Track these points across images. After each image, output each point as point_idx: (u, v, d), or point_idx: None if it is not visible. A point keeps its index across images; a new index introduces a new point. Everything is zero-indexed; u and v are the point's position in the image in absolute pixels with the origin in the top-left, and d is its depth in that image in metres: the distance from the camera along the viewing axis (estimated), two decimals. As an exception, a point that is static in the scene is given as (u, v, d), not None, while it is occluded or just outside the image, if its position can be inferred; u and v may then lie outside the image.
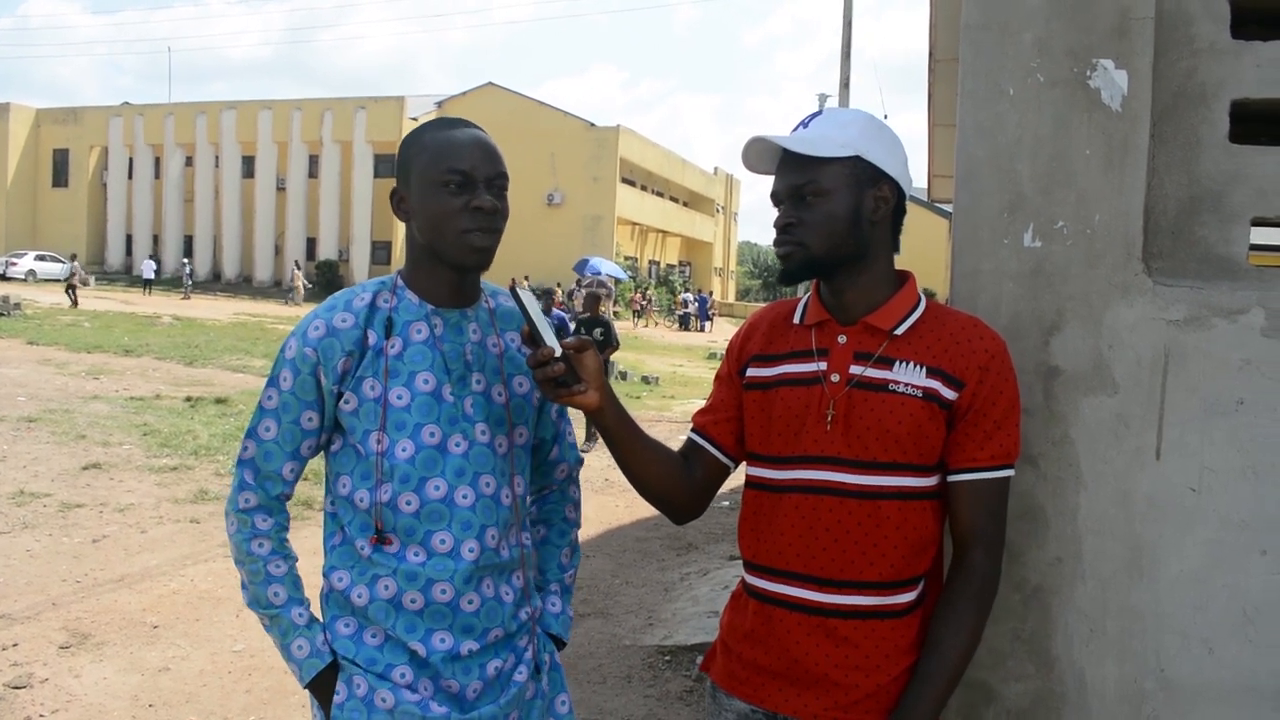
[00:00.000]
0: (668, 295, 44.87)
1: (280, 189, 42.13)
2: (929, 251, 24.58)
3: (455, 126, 1.60)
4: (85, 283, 31.52)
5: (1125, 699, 1.72)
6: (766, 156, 1.58)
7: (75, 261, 29.76)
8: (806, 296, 1.64)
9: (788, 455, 1.54)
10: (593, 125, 41.37)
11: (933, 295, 1.71)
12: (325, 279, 39.05)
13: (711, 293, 47.62)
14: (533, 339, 1.52)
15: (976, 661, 1.68)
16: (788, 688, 1.53)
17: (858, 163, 1.50)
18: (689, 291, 44.84)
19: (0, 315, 19.88)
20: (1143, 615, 1.71)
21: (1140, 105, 1.71)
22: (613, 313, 28.57)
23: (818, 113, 1.59)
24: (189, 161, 43.81)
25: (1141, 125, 1.71)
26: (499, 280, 1.75)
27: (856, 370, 1.51)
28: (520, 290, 1.54)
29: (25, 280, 35.62)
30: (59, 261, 37.15)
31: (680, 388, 17.14)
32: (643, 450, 1.60)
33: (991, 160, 1.75)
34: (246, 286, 42.19)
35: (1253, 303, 1.67)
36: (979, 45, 1.76)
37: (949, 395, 1.48)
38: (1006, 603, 1.73)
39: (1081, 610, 1.74)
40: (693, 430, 1.69)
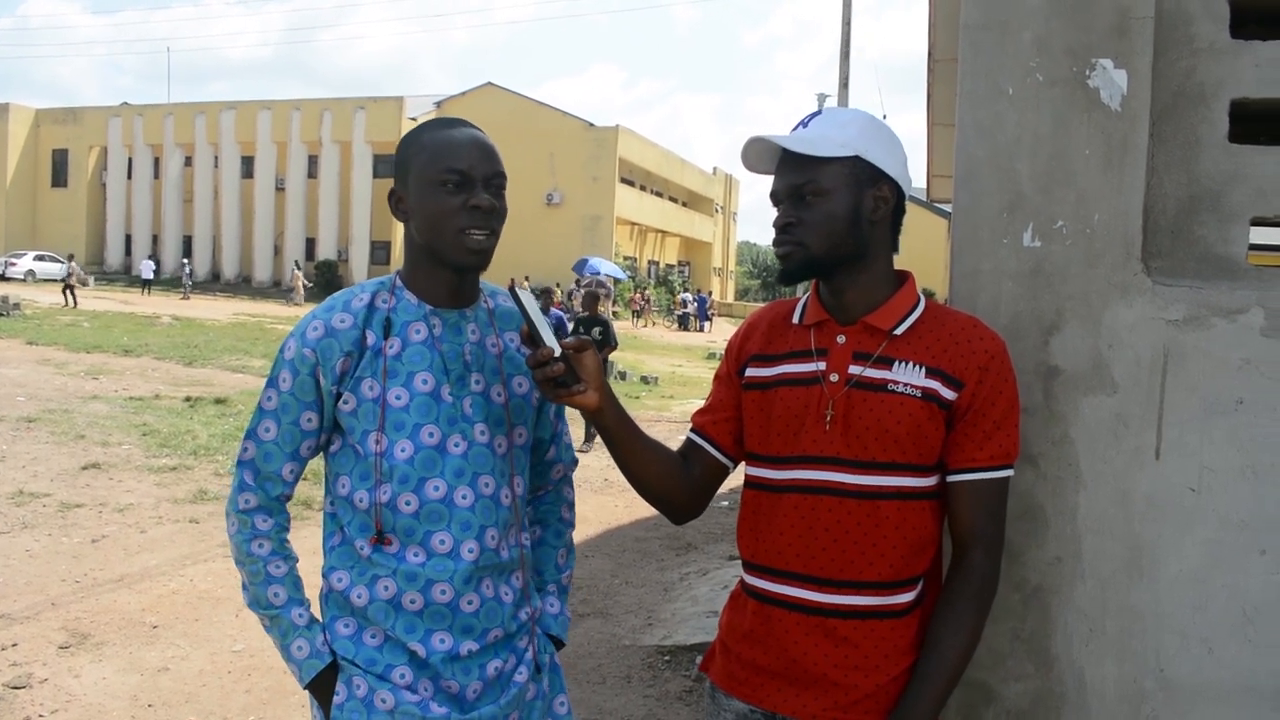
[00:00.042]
0: (667, 295, 44.87)
1: (279, 189, 42.12)
2: (928, 251, 24.59)
3: (453, 126, 1.60)
4: (84, 283, 31.51)
5: (1125, 698, 1.72)
6: (766, 156, 1.58)
7: (72, 261, 29.73)
8: (805, 296, 1.64)
9: (787, 455, 1.54)
10: (592, 125, 41.36)
11: (932, 295, 1.71)
12: (324, 279, 39.02)
13: (711, 293, 47.63)
14: (532, 339, 1.52)
15: (976, 661, 1.68)
16: (786, 688, 1.53)
17: (857, 162, 1.50)
18: (688, 291, 44.83)
19: (0, 315, 19.89)
20: (1142, 615, 1.71)
21: (1140, 105, 1.71)
22: (612, 313, 28.57)
23: (817, 112, 1.59)
24: (188, 162, 43.80)
25: (1141, 125, 1.71)
26: (498, 280, 1.75)
27: (856, 370, 1.51)
28: (519, 290, 1.54)
29: (24, 280, 35.63)
30: (58, 261, 37.13)
31: (679, 388, 17.14)
32: (642, 450, 1.60)
33: (991, 160, 1.75)
34: (246, 287, 42.18)
35: (1252, 302, 1.67)
36: (978, 44, 1.76)
37: (948, 395, 1.48)
38: (1006, 602, 1.73)
39: (1081, 610, 1.74)
40: (691, 430, 1.69)
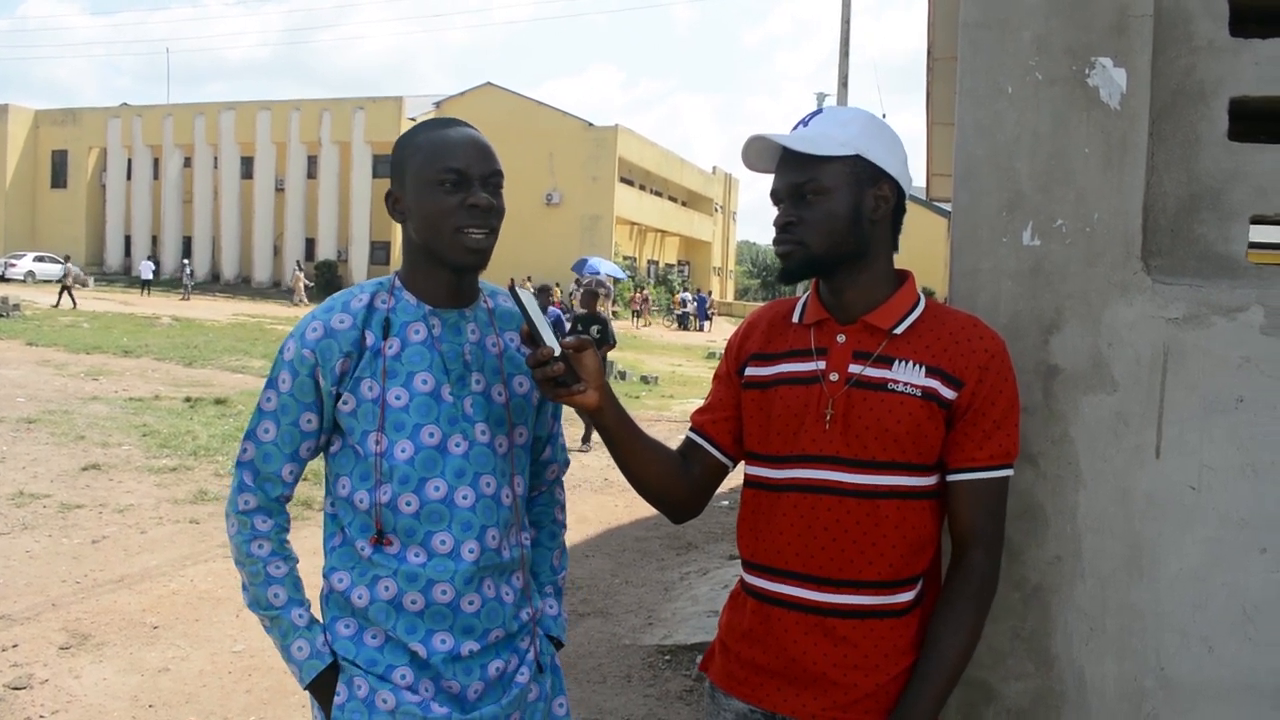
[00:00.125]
0: (666, 295, 44.86)
1: (279, 189, 42.10)
2: (928, 250, 24.57)
3: (449, 126, 1.60)
4: (84, 283, 31.49)
5: (1125, 697, 1.72)
6: (766, 155, 1.57)
7: (69, 262, 29.70)
8: (805, 295, 1.64)
9: (786, 454, 1.54)
10: (591, 125, 41.34)
11: (932, 294, 1.71)
12: (324, 279, 39.01)
13: (710, 292, 47.62)
14: (532, 338, 1.51)
15: (976, 660, 1.68)
16: (786, 687, 1.53)
17: (858, 161, 1.50)
18: (688, 291, 44.83)
19: (0, 316, 19.88)
20: (1142, 613, 1.71)
21: (1139, 103, 1.71)
22: (611, 312, 28.56)
23: (818, 111, 1.59)
24: (187, 162, 43.79)
25: (1140, 123, 1.71)
26: (498, 281, 1.74)
27: (855, 369, 1.51)
28: (519, 290, 1.54)
29: (24, 281, 35.61)
30: (58, 263, 37.15)
31: (679, 387, 17.14)
32: (642, 450, 1.60)
33: (990, 159, 1.75)
34: (245, 287, 42.16)
35: (1252, 300, 1.67)
36: (978, 43, 1.76)
37: (948, 394, 1.48)
38: (1006, 601, 1.73)
39: (1081, 609, 1.73)
40: (691, 429, 1.69)
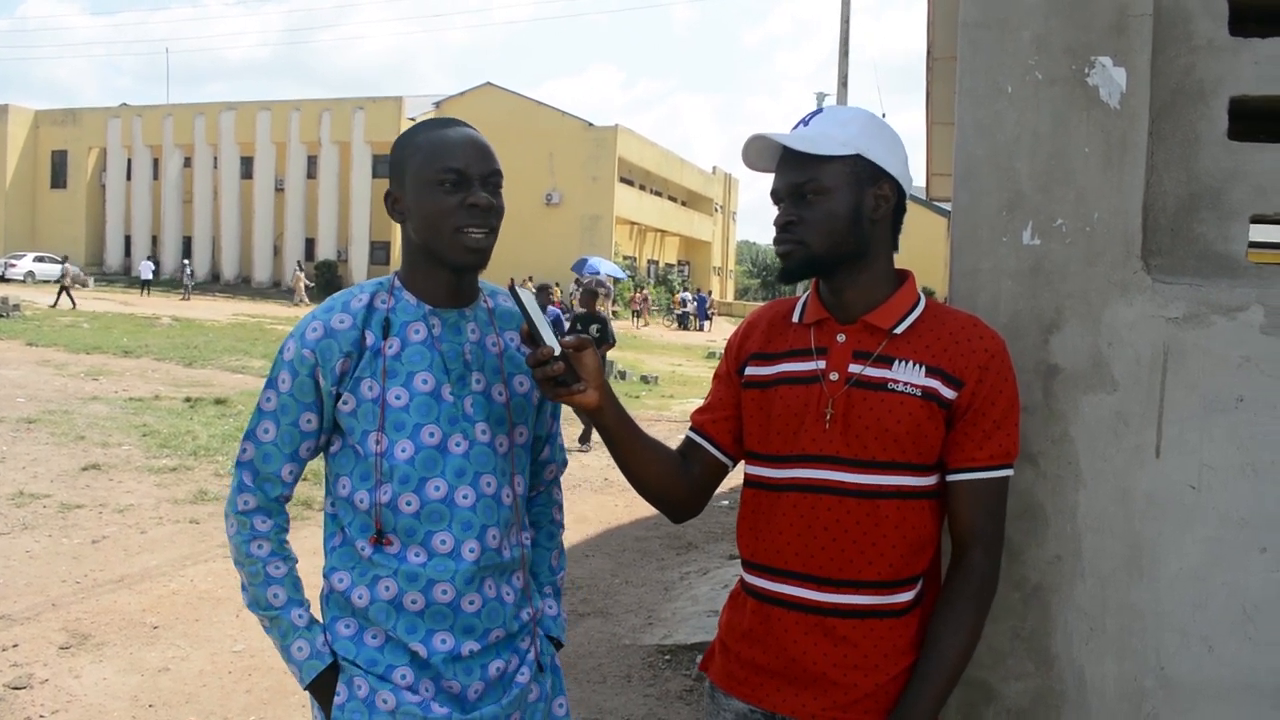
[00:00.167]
0: (666, 295, 44.86)
1: (279, 189, 42.10)
2: (928, 250, 24.57)
3: (448, 126, 1.60)
4: (84, 283, 31.46)
5: (1125, 697, 1.72)
6: (767, 154, 1.57)
7: (67, 262, 29.68)
8: (805, 295, 1.64)
9: (786, 454, 1.54)
10: (591, 125, 41.34)
11: (932, 294, 1.70)
12: (324, 279, 39.03)
13: (710, 292, 47.62)
14: (531, 338, 1.51)
15: (976, 660, 1.68)
16: (786, 687, 1.53)
17: (858, 161, 1.49)
18: (688, 291, 44.82)
19: (0, 316, 19.88)
20: (1142, 613, 1.71)
21: (1139, 102, 1.71)
22: (611, 312, 28.56)
23: (818, 110, 1.59)
24: (187, 162, 43.79)
25: (1140, 123, 1.71)
26: (498, 281, 1.74)
27: (855, 369, 1.51)
28: (519, 289, 1.54)
29: (24, 281, 35.61)
30: (57, 263, 37.16)
31: (679, 387, 17.14)
32: (641, 449, 1.60)
33: (990, 158, 1.75)
34: (245, 287, 42.17)
35: (1252, 300, 1.66)
36: (977, 43, 1.76)
37: (948, 394, 1.48)
38: (1006, 601, 1.73)
39: (1081, 608, 1.73)
40: (691, 429, 1.69)
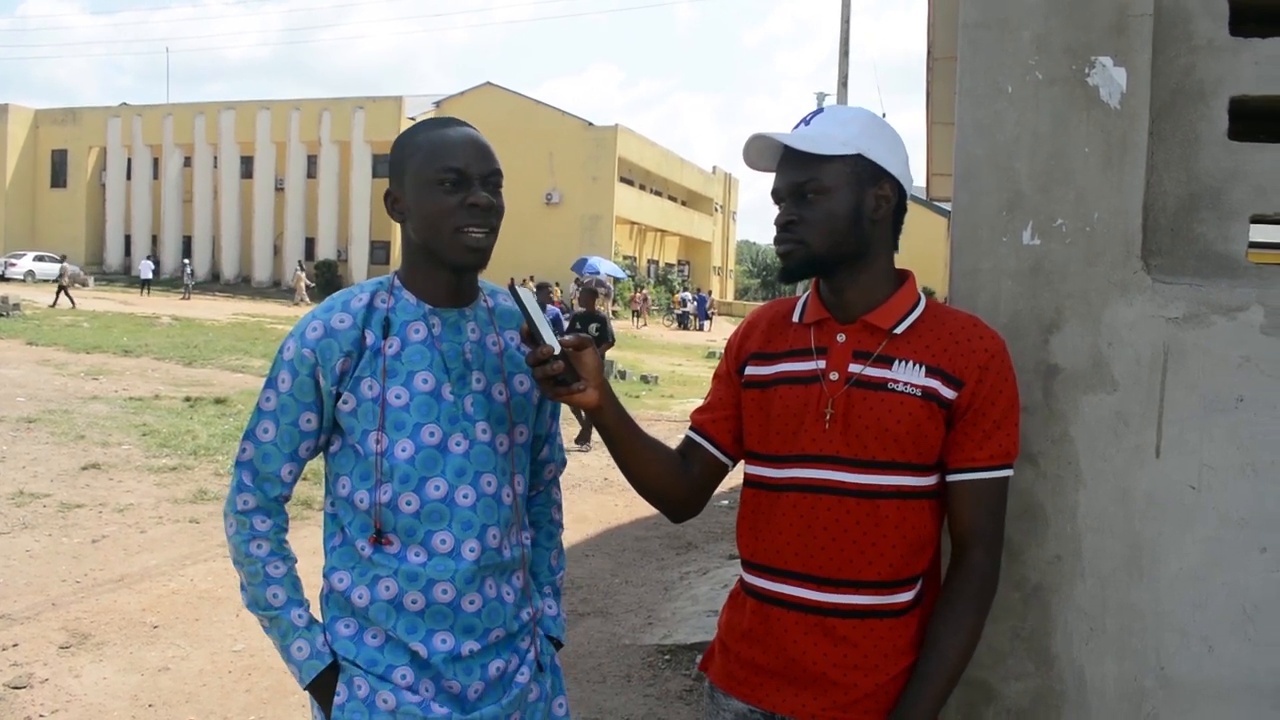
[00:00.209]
0: (666, 294, 44.85)
1: (279, 189, 42.11)
2: (928, 250, 24.56)
3: (447, 125, 1.59)
4: (83, 283, 31.44)
5: (1125, 697, 1.72)
6: (768, 154, 1.57)
7: (65, 262, 29.65)
8: (806, 295, 1.64)
9: (786, 454, 1.54)
10: (591, 125, 41.33)
11: (932, 294, 1.70)
12: (324, 279, 39.02)
13: (710, 292, 47.62)
14: (531, 337, 1.51)
15: (976, 660, 1.68)
16: (785, 687, 1.53)
17: (859, 161, 1.49)
18: (687, 290, 44.82)
19: (0, 315, 19.88)
20: (1142, 613, 1.71)
21: (1139, 102, 1.71)
22: (611, 312, 28.56)
23: (819, 110, 1.59)
24: (187, 162, 43.80)
25: (1140, 123, 1.71)
26: (498, 280, 1.74)
27: (855, 369, 1.51)
28: (519, 288, 1.54)
29: (24, 281, 35.62)
30: (57, 262, 37.16)
31: (679, 387, 17.13)
32: (641, 449, 1.60)
33: (990, 158, 1.75)
34: (245, 287, 42.17)
35: (1252, 300, 1.66)
36: (977, 43, 1.76)
37: (948, 394, 1.48)
38: (1006, 601, 1.73)
39: (1081, 608, 1.73)
40: (691, 428, 1.69)
